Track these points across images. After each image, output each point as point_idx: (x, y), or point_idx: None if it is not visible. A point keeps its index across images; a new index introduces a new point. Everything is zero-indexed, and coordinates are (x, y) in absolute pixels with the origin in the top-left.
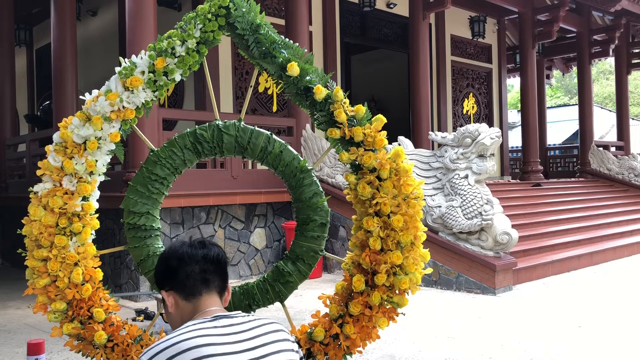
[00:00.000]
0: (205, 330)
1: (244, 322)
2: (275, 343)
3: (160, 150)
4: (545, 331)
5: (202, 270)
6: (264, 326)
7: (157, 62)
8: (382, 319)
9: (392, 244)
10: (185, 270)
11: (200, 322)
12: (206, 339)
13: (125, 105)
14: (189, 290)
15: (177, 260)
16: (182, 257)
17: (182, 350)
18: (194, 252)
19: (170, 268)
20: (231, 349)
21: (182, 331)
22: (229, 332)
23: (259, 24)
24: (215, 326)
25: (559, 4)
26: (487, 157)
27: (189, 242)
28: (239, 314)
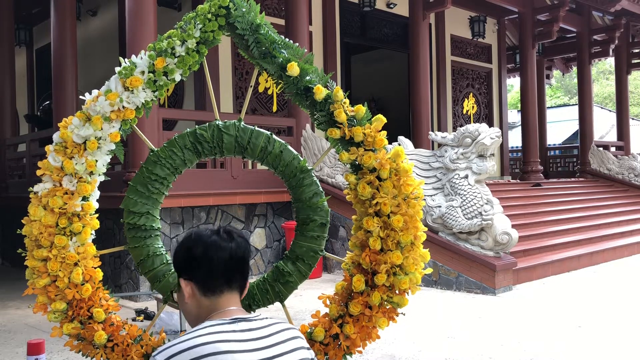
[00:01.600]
0: (225, 334)
1: (262, 326)
2: (294, 352)
3: (160, 150)
4: (545, 331)
5: (227, 269)
6: (283, 332)
7: (157, 62)
8: (382, 319)
9: (392, 244)
10: (209, 266)
11: (219, 323)
12: (226, 344)
13: (125, 105)
14: (210, 287)
15: (203, 251)
16: (209, 250)
17: (201, 356)
18: (224, 245)
19: (194, 258)
20: (250, 357)
21: (201, 332)
22: (247, 338)
23: (259, 24)
24: (234, 330)
25: (559, 4)
26: (487, 157)
27: (217, 231)
28: (258, 317)
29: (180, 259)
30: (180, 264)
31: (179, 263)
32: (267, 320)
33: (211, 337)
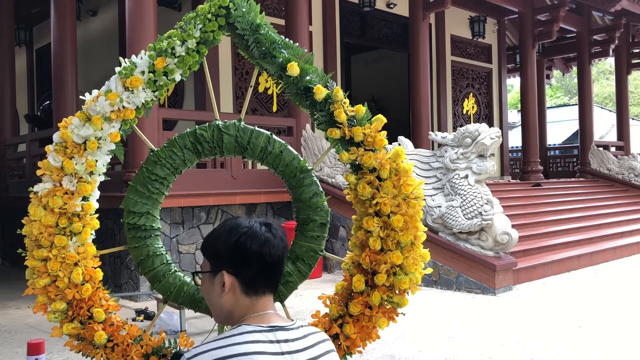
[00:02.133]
0: (263, 345)
1: (299, 337)
2: (326, 355)
3: (160, 150)
4: (545, 331)
5: (271, 270)
6: (319, 346)
7: (157, 62)
8: (382, 319)
9: (392, 244)
10: (262, 264)
11: (258, 331)
12: (263, 357)
13: (125, 105)
14: (255, 286)
15: (259, 248)
16: (264, 247)
17: None
18: (276, 243)
19: (248, 254)
20: None
21: (239, 340)
22: (285, 351)
23: (259, 24)
24: (272, 340)
25: (559, 4)
26: (487, 157)
27: (261, 223)
28: (293, 325)
29: (229, 252)
30: (228, 256)
31: (226, 255)
32: (303, 329)
33: (249, 346)
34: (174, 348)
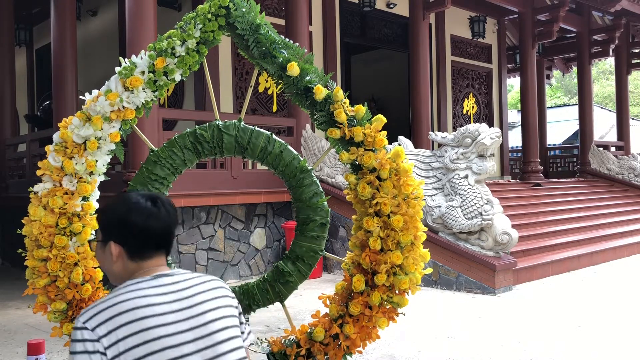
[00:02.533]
0: (145, 290)
1: (184, 279)
2: (215, 300)
3: (160, 150)
4: (545, 331)
5: (161, 238)
6: (205, 283)
7: (157, 62)
8: (382, 319)
9: (392, 244)
10: (146, 236)
11: (140, 281)
12: (145, 299)
13: (125, 105)
14: (139, 252)
15: (143, 221)
16: (148, 220)
17: (121, 312)
18: (161, 215)
19: (131, 227)
20: (170, 308)
21: (122, 291)
22: (168, 291)
23: (259, 24)
24: (154, 285)
25: (559, 4)
26: (487, 157)
27: (147, 197)
28: (179, 272)
29: (114, 225)
30: (113, 229)
31: (111, 228)
32: (190, 274)
33: (131, 294)
34: None
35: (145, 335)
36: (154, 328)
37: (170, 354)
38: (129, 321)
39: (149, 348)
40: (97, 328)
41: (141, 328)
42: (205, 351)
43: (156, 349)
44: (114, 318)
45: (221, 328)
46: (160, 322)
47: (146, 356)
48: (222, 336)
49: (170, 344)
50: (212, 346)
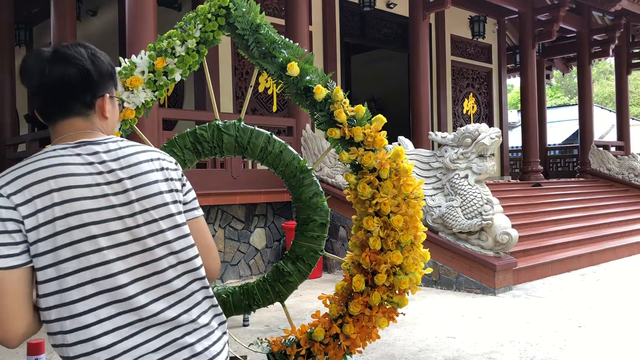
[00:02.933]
0: (67, 157)
1: (112, 149)
2: (147, 174)
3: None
4: (545, 331)
5: (54, 97)
6: (137, 155)
7: (157, 62)
8: (382, 319)
9: (392, 244)
10: (40, 87)
11: (62, 147)
12: (67, 167)
13: (126, 105)
14: (46, 114)
15: (35, 69)
16: (40, 69)
17: (40, 179)
18: (61, 68)
19: (23, 79)
20: (94, 180)
21: (41, 157)
22: (92, 161)
23: (259, 24)
24: (79, 153)
25: (559, 4)
26: (487, 157)
27: (53, 54)
28: (108, 140)
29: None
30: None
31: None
32: (120, 142)
33: (51, 160)
34: None
35: (65, 208)
36: (76, 200)
37: (92, 230)
38: (48, 190)
39: (68, 222)
40: (12, 196)
41: (62, 199)
42: (134, 230)
43: (76, 224)
44: (32, 186)
45: (151, 220)
46: (83, 194)
47: (65, 231)
48: (152, 228)
49: (93, 219)
50: (142, 225)
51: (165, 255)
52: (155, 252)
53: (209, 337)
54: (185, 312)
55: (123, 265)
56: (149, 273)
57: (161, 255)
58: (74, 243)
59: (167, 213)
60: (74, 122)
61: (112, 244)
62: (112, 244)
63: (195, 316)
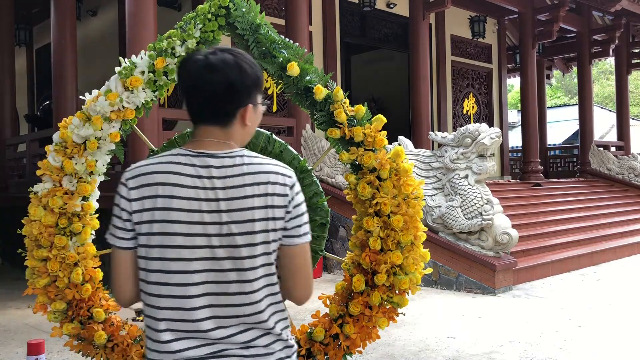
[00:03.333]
0: (182, 166)
1: (225, 165)
2: (244, 187)
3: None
4: (545, 331)
5: (198, 103)
6: (243, 176)
7: (157, 62)
8: (382, 319)
9: (392, 244)
10: (187, 97)
11: (183, 154)
12: (177, 177)
13: (125, 105)
14: (191, 116)
15: (186, 82)
16: (189, 81)
17: (153, 183)
18: (206, 77)
19: (180, 85)
20: (194, 194)
21: (163, 160)
22: (203, 175)
23: (259, 24)
24: (195, 164)
25: (559, 4)
26: (487, 157)
27: (204, 61)
28: (230, 154)
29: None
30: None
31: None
32: (239, 159)
33: (168, 166)
34: None
35: (164, 214)
36: (173, 210)
37: (178, 241)
38: (155, 195)
39: (163, 227)
40: (131, 190)
41: (163, 206)
42: (215, 250)
43: (167, 231)
44: (145, 187)
45: (244, 244)
46: (180, 206)
47: (158, 234)
48: (243, 247)
49: (183, 230)
50: (230, 243)
51: (234, 281)
52: (228, 276)
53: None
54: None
55: (198, 278)
56: (218, 292)
57: (232, 279)
58: (162, 247)
59: (251, 242)
60: (211, 129)
61: (193, 257)
62: (193, 257)
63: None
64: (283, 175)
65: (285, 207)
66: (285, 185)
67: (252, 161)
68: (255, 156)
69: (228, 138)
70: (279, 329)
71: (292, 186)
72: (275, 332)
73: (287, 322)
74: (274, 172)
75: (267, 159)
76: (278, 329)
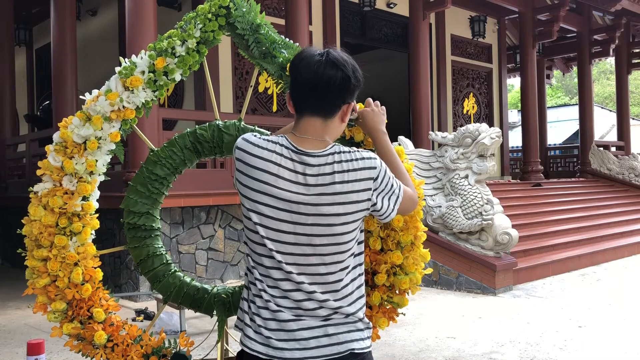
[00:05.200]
0: (284, 159)
1: (318, 164)
2: (333, 185)
3: (160, 150)
4: (545, 331)
5: (309, 93)
6: (333, 175)
7: (157, 62)
8: (382, 319)
9: (392, 244)
10: (298, 86)
11: (287, 147)
12: (276, 167)
13: (125, 105)
14: (297, 105)
15: (296, 65)
16: (305, 72)
17: (254, 166)
18: (320, 71)
19: (293, 74)
20: (293, 188)
21: (274, 142)
22: (298, 171)
23: (259, 24)
24: (293, 159)
25: (559, 3)
26: (487, 157)
27: (325, 53)
28: (323, 153)
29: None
30: (290, 77)
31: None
32: (330, 157)
33: (274, 156)
34: (173, 348)
35: (264, 198)
36: (271, 183)
37: (266, 211)
38: (256, 155)
39: (260, 188)
40: (240, 151)
41: (260, 172)
42: (299, 236)
43: (261, 223)
44: (256, 145)
45: (322, 236)
46: (279, 184)
47: (255, 191)
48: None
49: (271, 225)
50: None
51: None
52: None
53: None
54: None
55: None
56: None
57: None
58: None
59: (329, 242)
60: (314, 121)
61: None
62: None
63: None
64: (370, 170)
65: (375, 190)
66: (371, 178)
67: (350, 157)
68: (348, 154)
69: (326, 132)
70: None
71: (379, 176)
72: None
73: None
74: (366, 169)
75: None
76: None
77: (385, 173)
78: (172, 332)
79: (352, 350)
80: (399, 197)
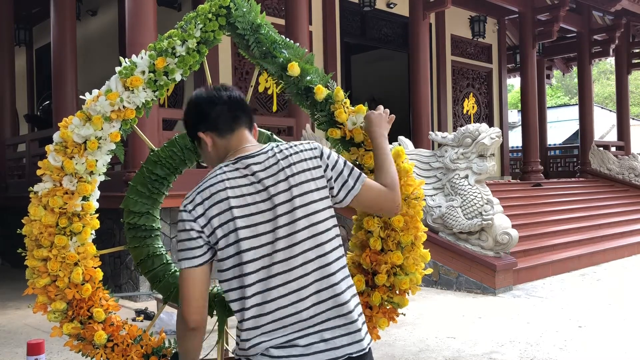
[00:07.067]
0: (229, 173)
1: (261, 161)
2: (295, 176)
3: (160, 150)
4: (545, 331)
5: (230, 109)
6: (288, 158)
7: (157, 62)
8: (382, 319)
9: (392, 244)
10: (216, 110)
11: (226, 164)
12: (228, 182)
13: (126, 105)
14: (221, 127)
15: (207, 103)
16: (212, 99)
17: (211, 194)
18: (220, 94)
19: (203, 111)
20: (248, 190)
21: (211, 175)
22: (247, 173)
23: (259, 24)
24: (238, 168)
25: (559, 3)
26: (487, 157)
27: (211, 88)
28: (260, 152)
29: (192, 118)
30: (193, 122)
31: (193, 122)
32: (270, 152)
33: (218, 177)
34: (174, 348)
35: (228, 214)
36: (236, 208)
37: (244, 233)
38: (217, 201)
39: (231, 226)
40: (192, 210)
41: (227, 207)
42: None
43: (236, 227)
44: (206, 200)
45: (302, 228)
46: (241, 203)
47: (230, 233)
48: (302, 235)
49: (246, 224)
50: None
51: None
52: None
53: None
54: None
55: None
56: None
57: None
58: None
59: (313, 206)
60: (243, 133)
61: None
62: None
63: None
64: (311, 151)
65: (323, 175)
66: (315, 156)
67: (287, 144)
68: (284, 145)
69: (253, 141)
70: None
71: (316, 148)
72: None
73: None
74: (313, 148)
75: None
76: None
77: (330, 151)
78: (172, 332)
79: (349, 355)
80: (361, 176)
